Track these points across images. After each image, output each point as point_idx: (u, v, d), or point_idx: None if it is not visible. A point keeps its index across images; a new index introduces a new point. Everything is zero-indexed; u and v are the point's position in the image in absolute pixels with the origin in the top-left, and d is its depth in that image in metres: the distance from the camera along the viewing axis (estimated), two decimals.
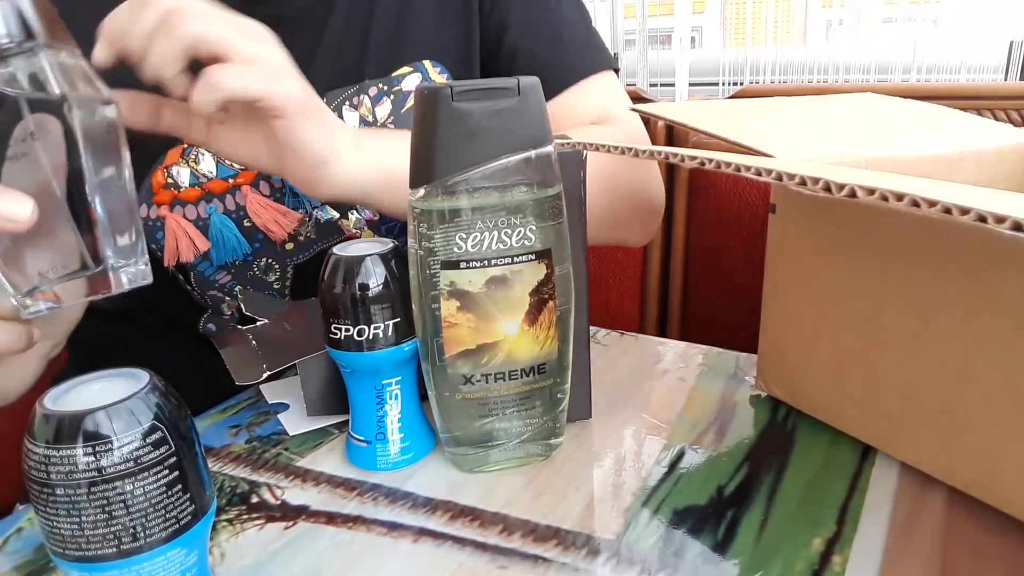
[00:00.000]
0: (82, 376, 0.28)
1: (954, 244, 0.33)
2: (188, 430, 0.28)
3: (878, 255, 0.37)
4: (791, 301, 0.43)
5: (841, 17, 2.03)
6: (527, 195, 0.35)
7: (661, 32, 2.12)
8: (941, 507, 0.36)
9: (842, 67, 1.95)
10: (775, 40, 2.08)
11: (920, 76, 1.86)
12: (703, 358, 0.53)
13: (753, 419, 0.45)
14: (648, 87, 2.05)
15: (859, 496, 0.37)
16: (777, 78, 2.07)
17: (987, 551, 0.33)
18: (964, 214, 0.25)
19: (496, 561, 0.34)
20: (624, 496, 0.38)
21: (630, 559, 0.33)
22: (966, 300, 0.33)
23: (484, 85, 0.34)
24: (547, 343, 0.38)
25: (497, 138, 0.34)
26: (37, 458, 0.25)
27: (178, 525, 0.27)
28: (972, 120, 0.55)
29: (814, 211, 0.40)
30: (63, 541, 0.26)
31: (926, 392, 0.36)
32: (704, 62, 2.10)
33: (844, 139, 0.48)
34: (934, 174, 0.45)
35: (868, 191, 0.28)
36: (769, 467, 0.40)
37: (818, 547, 0.34)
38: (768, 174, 0.33)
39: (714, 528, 0.35)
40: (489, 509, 0.37)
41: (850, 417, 0.41)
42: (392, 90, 0.58)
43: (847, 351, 0.40)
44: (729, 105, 0.58)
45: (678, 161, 0.38)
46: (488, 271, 0.36)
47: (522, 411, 0.39)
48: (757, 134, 0.45)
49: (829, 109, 0.57)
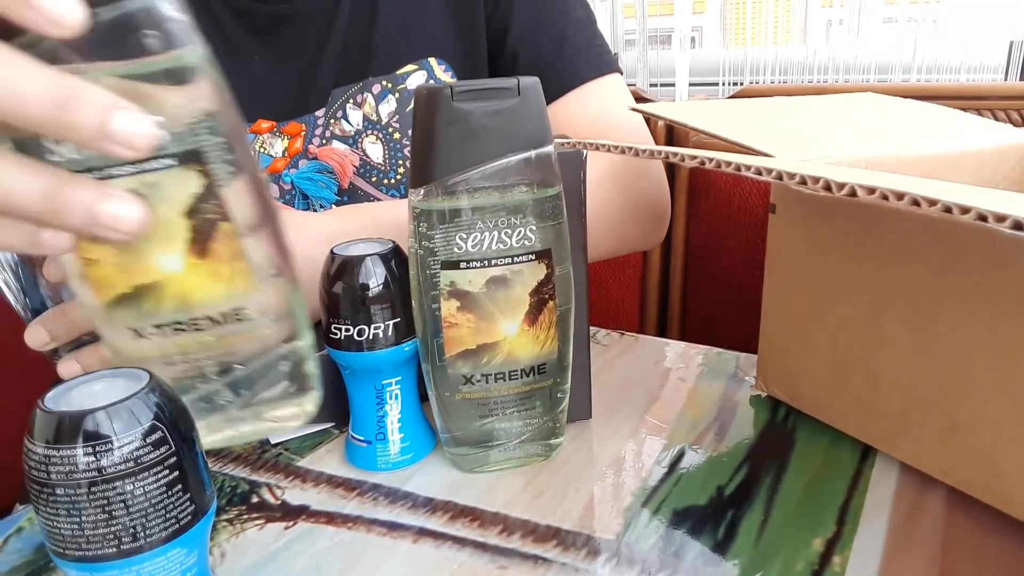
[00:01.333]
0: (82, 376, 0.28)
1: (954, 244, 0.33)
2: (188, 430, 0.28)
3: (878, 255, 0.37)
4: (791, 301, 0.43)
5: (841, 17, 2.03)
6: (527, 195, 0.35)
7: (661, 32, 2.12)
8: (941, 507, 0.36)
9: (842, 67, 1.95)
10: (775, 40, 2.08)
11: (920, 76, 1.86)
12: (703, 358, 0.53)
13: (753, 419, 0.45)
14: (648, 87, 2.05)
15: (859, 496, 0.37)
16: (777, 78, 2.07)
17: (987, 551, 0.33)
18: (964, 213, 0.25)
19: (496, 561, 0.34)
20: (624, 496, 0.38)
21: (630, 559, 0.33)
22: (966, 300, 0.33)
23: (484, 85, 0.34)
24: (547, 343, 0.38)
25: (497, 138, 0.34)
26: (37, 458, 0.25)
27: (178, 525, 0.27)
28: (972, 120, 0.55)
29: (814, 211, 0.40)
30: (63, 541, 0.26)
31: (926, 392, 0.36)
32: (704, 62, 2.10)
33: (844, 139, 0.48)
34: (934, 174, 0.45)
35: (868, 190, 0.28)
36: (769, 467, 0.40)
37: (818, 547, 0.34)
38: (768, 174, 0.33)
39: (714, 528, 0.35)
40: (489, 509, 0.37)
41: (850, 417, 0.41)
42: (397, 88, 0.58)
43: (847, 351, 0.40)
44: (729, 105, 0.58)
45: (678, 161, 0.38)
46: (488, 271, 0.36)
47: (522, 411, 0.39)
48: (757, 134, 0.45)
49: (829, 109, 0.57)
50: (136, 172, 0.26)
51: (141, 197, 0.26)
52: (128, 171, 0.26)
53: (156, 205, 0.27)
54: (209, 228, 0.28)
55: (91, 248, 0.28)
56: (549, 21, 0.61)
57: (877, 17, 1.98)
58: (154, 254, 0.28)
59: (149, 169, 0.26)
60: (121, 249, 0.28)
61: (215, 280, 0.29)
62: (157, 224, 0.27)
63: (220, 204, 0.28)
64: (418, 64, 0.58)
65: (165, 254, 0.28)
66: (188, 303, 0.29)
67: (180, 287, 0.29)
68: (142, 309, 0.29)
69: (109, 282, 0.28)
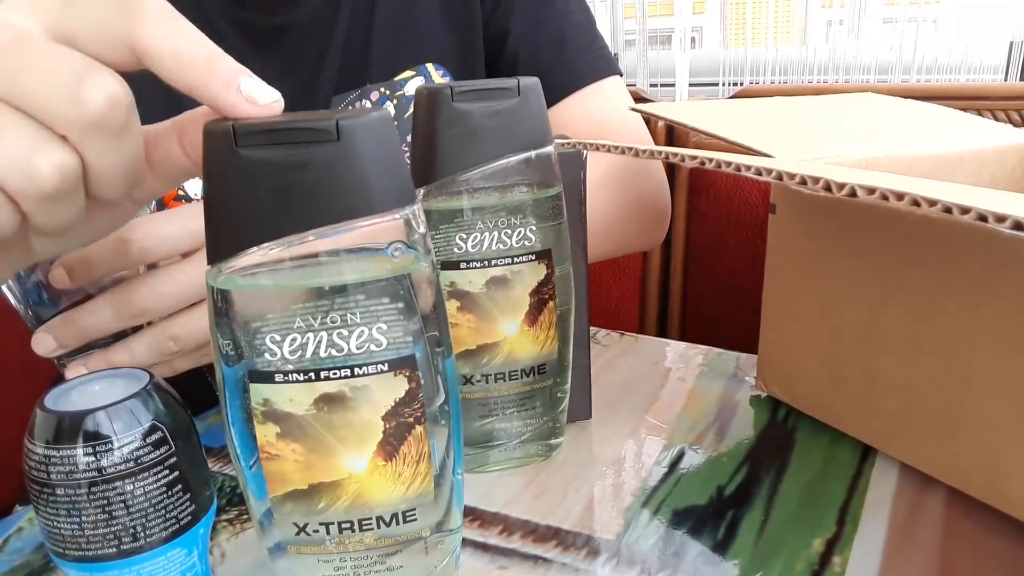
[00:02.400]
0: (82, 376, 0.28)
1: (954, 244, 0.33)
2: (188, 430, 0.28)
3: (878, 255, 0.37)
4: (791, 301, 0.43)
5: (841, 17, 2.03)
6: (527, 195, 0.35)
7: (661, 32, 2.12)
8: (941, 507, 0.36)
9: (842, 67, 1.95)
10: (775, 40, 2.08)
11: (920, 76, 1.86)
12: (703, 358, 0.53)
13: (753, 419, 0.45)
14: (648, 87, 2.05)
15: (859, 496, 0.37)
16: (777, 78, 2.07)
17: (987, 551, 0.33)
18: (964, 214, 0.25)
19: (496, 561, 0.34)
20: (624, 496, 0.38)
21: (630, 559, 0.33)
22: (966, 300, 0.33)
23: (484, 85, 0.34)
24: (547, 343, 0.38)
25: (497, 138, 0.34)
26: (37, 458, 0.25)
27: (178, 525, 0.27)
28: (972, 120, 0.55)
29: (814, 211, 0.40)
30: (63, 541, 0.26)
31: (926, 392, 0.36)
32: (704, 62, 2.11)
33: (844, 139, 0.49)
34: (934, 174, 0.45)
35: (868, 190, 0.28)
36: (769, 467, 0.40)
37: (818, 547, 0.34)
38: (768, 174, 0.33)
39: (714, 528, 0.35)
40: (489, 509, 0.37)
41: (850, 417, 0.41)
42: (395, 94, 0.58)
43: (847, 351, 0.40)
44: (729, 105, 0.58)
45: (678, 161, 0.38)
46: (488, 271, 0.36)
47: (522, 411, 0.39)
48: (757, 134, 0.45)
49: (829, 109, 0.57)
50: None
51: (348, 399, 0.26)
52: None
53: (361, 407, 0.26)
54: (404, 432, 0.27)
55: (277, 445, 0.27)
56: (548, 25, 0.61)
57: (877, 17, 1.99)
58: (345, 454, 0.27)
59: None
60: (310, 448, 0.27)
61: (396, 482, 0.28)
62: (358, 426, 0.27)
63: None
64: (415, 70, 0.58)
65: (355, 455, 0.27)
66: (364, 504, 0.28)
67: (359, 487, 0.27)
68: (315, 507, 0.28)
69: (287, 477, 0.27)
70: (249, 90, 0.25)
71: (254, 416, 0.26)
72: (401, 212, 0.25)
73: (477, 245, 0.35)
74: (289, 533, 0.28)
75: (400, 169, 0.25)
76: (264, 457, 0.27)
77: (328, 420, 0.26)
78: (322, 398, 0.26)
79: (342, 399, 0.26)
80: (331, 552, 0.28)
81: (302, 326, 0.25)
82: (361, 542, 0.28)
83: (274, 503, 0.28)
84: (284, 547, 0.28)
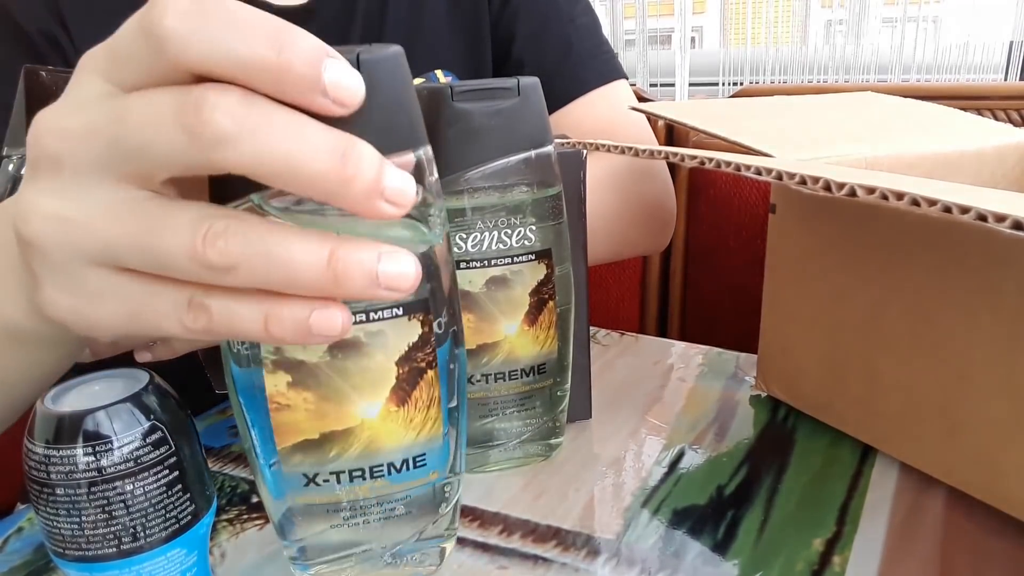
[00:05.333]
0: (82, 376, 0.28)
1: (954, 244, 0.33)
2: (188, 430, 0.28)
3: (878, 255, 0.37)
4: (791, 301, 0.43)
5: (841, 17, 2.03)
6: (527, 195, 0.35)
7: (661, 32, 2.12)
8: (941, 507, 0.36)
9: (842, 67, 1.95)
10: (775, 40, 2.08)
11: (920, 76, 1.86)
12: (703, 358, 0.53)
13: (753, 419, 0.45)
14: (648, 87, 2.05)
15: (859, 496, 0.37)
16: (777, 78, 2.07)
17: (987, 551, 0.33)
18: (964, 213, 0.25)
19: (496, 561, 0.34)
20: (624, 496, 0.38)
21: (630, 559, 0.33)
22: (966, 300, 0.33)
23: (484, 85, 0.34)
24: (547, 343, 0.38)
25: (497, 138, 0.34)
26: (37, 458, 0.25)
27: (178, 525, 0.27)
28: (972, 119, 0.55)
29: (814, 211, 0.40)
30: (63, 541, 0.26)
31: (926, 392, 0.36)
32: (704, 62, 2.11)
33: (844, 139, 0.48)
34: (934, 174, 0.45)
35: (868, 190, 0.28)
36: (769, 467, 0.40)
37: (818, 547, 0.34)
38: (768, 174, 0.33)
39: (714, 528, 0.35)
40: (489, 509, 0.37)
41: (850, 417, 0.41)
42: None
43: (847, 351, 0.40)
44: (729, 105, 0.58)
45: (678, 161, 0.38)
46: (488, 271, 0.36)
47: (522, 411, 0.39)
48: (757, 134, 0.45)
49: (829, 109, 0.57)
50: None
51: (363, 344, 0.25)
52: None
53: (375, 352, 0.26)
54: (416, 377, 0.27)
55: (287, 394, 0.26)
56: (554, 29, 0.61)
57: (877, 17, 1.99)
58: (358, 402, 0.27)
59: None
60: (323, 396, 0.26)
61: (407, 428, 0.28)
62: (372, 371, 0.27)
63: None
64: (424, 77, 0.59)
65: (368, 402, 0.27)
66: (376, 451, 0.28)
67: (370, 435, 0.27)
68: (325, 456, 0.27)
69: (296, 428, 0.27)
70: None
71: (264, 366, 0.26)
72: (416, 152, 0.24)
73: (477, 245, 0.35)
74: (298, 485, 0.28)
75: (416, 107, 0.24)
76: (273, 408, 0.26)
77: (343, 367, 0.26)
78: (336, 344, 0.26)
79: (357, 345, 0.26)
80: (340, 500, 0.28)
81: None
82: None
83: (282, 455, 0.27)
84: (292, 514, 0.29)
